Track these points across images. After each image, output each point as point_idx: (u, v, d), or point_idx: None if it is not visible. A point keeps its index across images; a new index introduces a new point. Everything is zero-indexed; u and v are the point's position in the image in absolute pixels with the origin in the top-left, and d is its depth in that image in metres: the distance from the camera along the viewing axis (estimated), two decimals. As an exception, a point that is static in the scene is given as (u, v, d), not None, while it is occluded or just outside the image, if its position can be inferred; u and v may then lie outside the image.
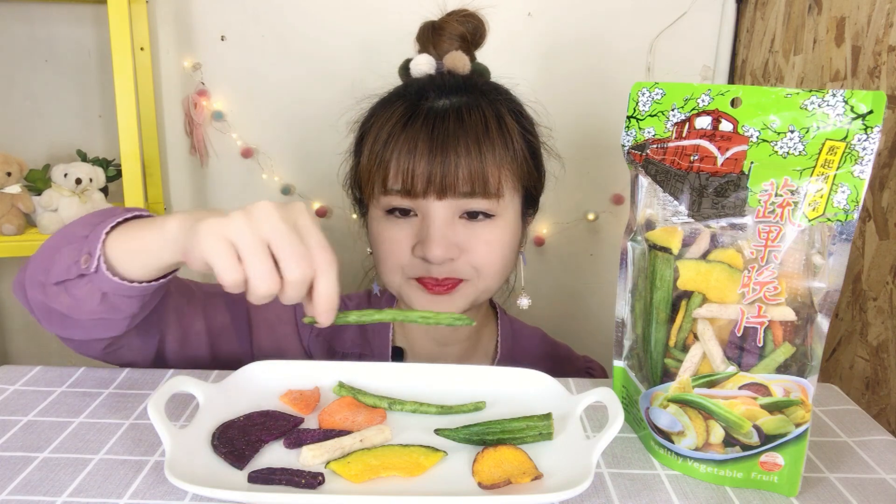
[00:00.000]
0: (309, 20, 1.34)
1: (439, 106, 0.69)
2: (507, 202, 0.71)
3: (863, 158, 0.44)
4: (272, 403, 0.56)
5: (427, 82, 0.73)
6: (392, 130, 0.69)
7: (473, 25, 0.76)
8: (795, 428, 0.47)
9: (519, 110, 0.75)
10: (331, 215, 1.42)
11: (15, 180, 1.18)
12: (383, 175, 0.68)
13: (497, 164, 0.68)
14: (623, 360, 0.57)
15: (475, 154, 0.67)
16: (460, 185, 0.67)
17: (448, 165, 0.66)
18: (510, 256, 0.74)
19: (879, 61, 0.92)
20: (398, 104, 0.71)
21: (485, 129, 0.68)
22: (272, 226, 0.46)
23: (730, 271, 0.47)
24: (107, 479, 0.47)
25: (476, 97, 0.71)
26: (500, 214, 0.70)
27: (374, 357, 0.80)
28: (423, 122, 0.68)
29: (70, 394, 0.60)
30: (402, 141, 0.67)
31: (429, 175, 0.66)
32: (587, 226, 1.46)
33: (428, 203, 0.68)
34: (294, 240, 0.46)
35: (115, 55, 1.09)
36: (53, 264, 0.57)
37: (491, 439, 0.51)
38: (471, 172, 0.67)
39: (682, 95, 0.49)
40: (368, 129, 0.73)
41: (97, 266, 0.55)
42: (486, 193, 0.68)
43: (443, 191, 0.67)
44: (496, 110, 0.71)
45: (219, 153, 1.40)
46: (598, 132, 1.41)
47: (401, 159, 0.67)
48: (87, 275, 0.56)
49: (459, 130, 0.67)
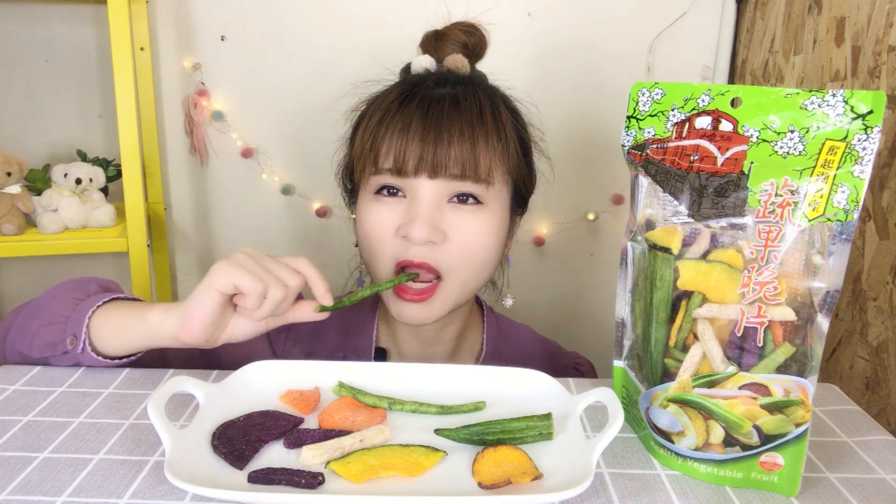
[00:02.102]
0: (309, 20, 1.34)
1: (435, 92, 0.70)
2: (496, 192, 0.70)
3: (863, 158, 0.44)
4: (272, 403, 0.56)
5: (426, 75, 0.75)
6: (387, 110, 0.70)
7: (476, 37, 0.78)
8: (795, 428, 0.47)
9: (513, 108, 0.76)
10: (331, 215, 1.42)
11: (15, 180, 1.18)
12: (375, 153, 0.69)
13: (489, 151, 0.68)
14: (623, 360, 0.57)
15: (468, 138, 0.67)
16: (451, 166, 0.67)
17: (441, 146, 0.66)
18: (494, 250, 0.72)
19: (879, 61, 0.92)
20: (396, 88, 0.73)
21: (479, 116, 0.69)
22: (259, 256, 0.61)
23: (730, 271, 0.47)
24: (107, 479, 0.47)
25: (472, 88, 0.72)
26: (488, 203, 0.70)
27: (358, 359, 0.80)
28: (418, 104, 0.69)
29: (70, 394, 0.60)
30: (397, 120, 0.68)
31: (420, 154, 0.67)
32: (587, 226, 1.46)
33: (418, 183, 0.68)
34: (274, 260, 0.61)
35: (115, 55, 1.09)
36: (35, 341, 0.65)
37: (491, 439, 0.51)
38: (462, 155, 0.67)
39: (682, 95, 0.49)
40: (364, 114, 0.74)
41: (83, 347, 0.63)
42: (477, 178, 0.68)
43: (434, 171, 0.67)
44: (492, 101, 0.71)
45: (219, 153, 1.40)
46: (598, 132, 1.41)
47: (394, 138, 0.68)
48: (69, 352, 0.63)
49: (454, 114, 0.68)
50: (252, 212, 1.43)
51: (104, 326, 0.63)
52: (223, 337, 0.63)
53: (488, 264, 0.73)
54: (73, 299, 0.66)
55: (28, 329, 0.66)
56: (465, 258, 0.70)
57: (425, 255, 0.68)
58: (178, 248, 1.46)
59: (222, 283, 0.58)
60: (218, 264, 0.59)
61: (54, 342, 0.63)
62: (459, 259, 0.69)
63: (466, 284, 0.72)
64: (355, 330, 0.82)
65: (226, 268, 0.58)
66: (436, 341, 0.80)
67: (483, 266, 0.72)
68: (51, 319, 0.65)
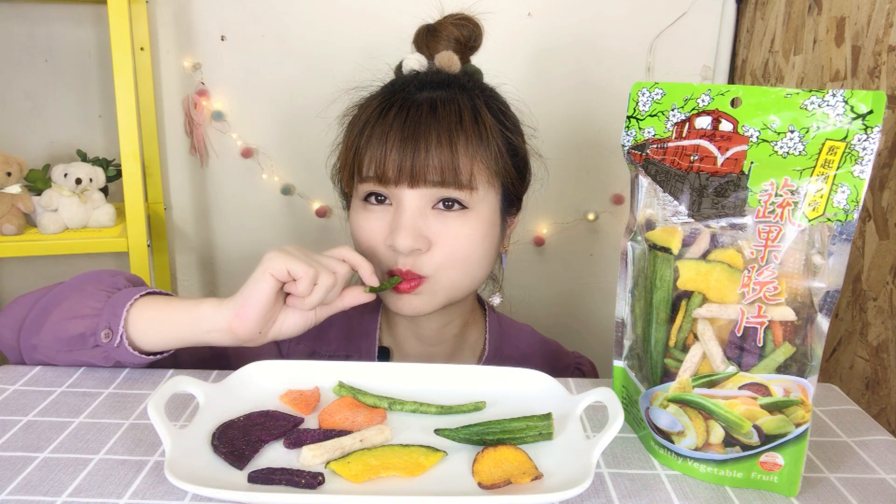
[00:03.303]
0: (308, 20, 1.34)
1: (416, 98, 0.70)
2: (481, 196, 0.70)
3: (863, 158, 0.44)
4: (272, 403, 0.56)
5: (411, 78, 0.74)
6: (368, 120, 0.70)
7: (469, 30, 0.77)
8: (795, 428, 0.47)
9: (500, 108, 0.75)
10: (331, 215, 1.42)
11: (15, 180, 1.18)
12: (359, 163, 0.70)
13: (469, 156, 0.68)
14: (623, 360, 0.57)
15: (446, 144, 0.67)
16: (430, 174, 0.67)
17: (418, 155, 0.67)
18: (484, 253, 0.72)
19: (879, 61, 0.92)
20: (378, 96, 0.73)
21: (458, 121, 0.68)
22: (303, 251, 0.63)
23: (730, 271, 0.47)
24: (107, 479, 0.47)
25: (454, 91, 0.71)
26: (473, 208, 0.70)
27: (361, 358, 0.80)
28: (396, 113, 0.69)
29: (70, 394, 0.60)
30: (377, 129, 0.69)
31: (400, 164, 0.67)
32: (587, 226, 1.46)
33: (400, 192, 0.69)
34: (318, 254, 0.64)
35: (115, 55, 1.09)
36: (58, 334, 0.63)
37: (491, 439, 0.51)
38: (441, 162, 0.67)
39: (682, 95, 0.49)
40: (351, 121, 0.74)
41: (119, 341, 0.61)
42: (458, 184, 0.68)
43: (413, 179, 0.67)
44: (473, 104, 0.71)
45: (219, 153, 1.40)
46: (598, 132, 1.41)
47: (374, 147, 0.68)
48: (101, 345, 0.62)
49: (432, 121, 0.68)
50: (252, 212, 1.43)
51: (143, 320, 0.62)
52: (273, 331, 0.64)
53: (478, 266, 0.73)
54: (103, 292, 0.65)
55: (48, 322, 0.64)
56: (450, 262, 0.70)
57: (410, 263, 0.69)
58: (178, 248, 1.46)
59: (276, 268, 0.59)
60: (270, 253, 0.61)
61: (84, 335, 0.62)
62: (444, 263, 0.70)
63: (455, 284, 0.72)
64: (359, 330, 0.82)
65: (279, 255, 0.60)
66: (437, 341, 0.80)
67: (473, 268, 0.72)
68: (78, 312, 0.63)
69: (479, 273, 0.73)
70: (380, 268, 0.71)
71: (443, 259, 0.69)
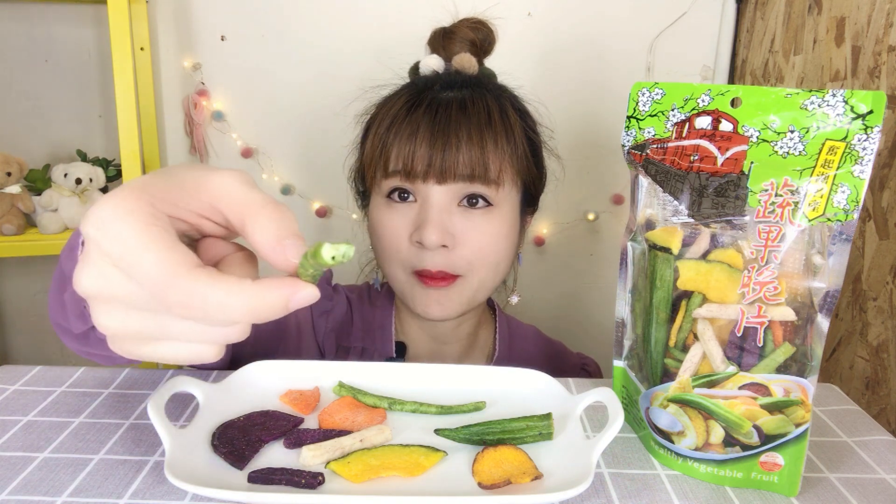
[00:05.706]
0: (309, 20, 1.34)
1: (443, 96, 0.70)
2: (506, 193, 0.71)
3: (863, 158, 0.44)
4: (272, 403, 0.56)
5: (435, 78, 0.75)
6: (396, 115, 0.70)
7: (484, 34, 0.78)
8: (795, 428, 0.47)
9: (522, 108, 0.76)
10: (331, 215, 1.42)
11: (15, 180, 1.18)
12: (385, 159, 0.69)
13: (498, 153, 0.69)
14: (623, 360, 0.57)
15: (476, 141, 0.67)
16: (460, 168, 0.67)
17: (449, 150, 0.67)
18: (506, 251, 0.73)
19: (879, 61, 0.92)
20: (404, 93, 0.73)
21: (487, 119, 0.69)
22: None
23: (730, 271, 0.47)
24: (107, 479, 0.47)
25: (481, 91, 0.72)
26: (498, 205, 0.70)
27: (378, 349, 0.80)
28: (426, 109, 0.69)
29: (70, 394, 0.60)
30: (405, 125, 0.69)
31: (429, 159, 0.67)
32: (587, 226, 1.46)
33: (427, 188, 0.69)
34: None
35: (115, 55, 1.09)
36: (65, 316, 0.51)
37: (491, 439, 0.51)
38: (471, 158, 0.67)
39: (682, 95, 0.49)
40: (374, 118, 0.74)
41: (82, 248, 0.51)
42: (487, 180, 0.68)
43: (442, 175, 0.67)
44: (500, 103, 0.72)
45: (219, 153, 1.40)
46: (598, 132, 1.41)
47: (402, 143, 0.68)
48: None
49: (462, 118, 0.68)
50: (252, 212, 1.43)
51: None
52: None
53: (502, 264, 0.73)
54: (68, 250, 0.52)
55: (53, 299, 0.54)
56: (479, 260, 0.70)
57: (440, 262, 0.69)
58: (178, 248, 1.46)
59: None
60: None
61: (71, 247, 0.49)
62: (473, 261, 0.70)
63: (483, 284, 0.72)
64: (378, 324, 0.82)
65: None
66: (450, 339, 0.80)
67: (497, 266, 0.73)
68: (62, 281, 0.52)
69: (501, 272, 0.74)
70: (403, 267, 0.71)
71: (472, 256, 0.70)
